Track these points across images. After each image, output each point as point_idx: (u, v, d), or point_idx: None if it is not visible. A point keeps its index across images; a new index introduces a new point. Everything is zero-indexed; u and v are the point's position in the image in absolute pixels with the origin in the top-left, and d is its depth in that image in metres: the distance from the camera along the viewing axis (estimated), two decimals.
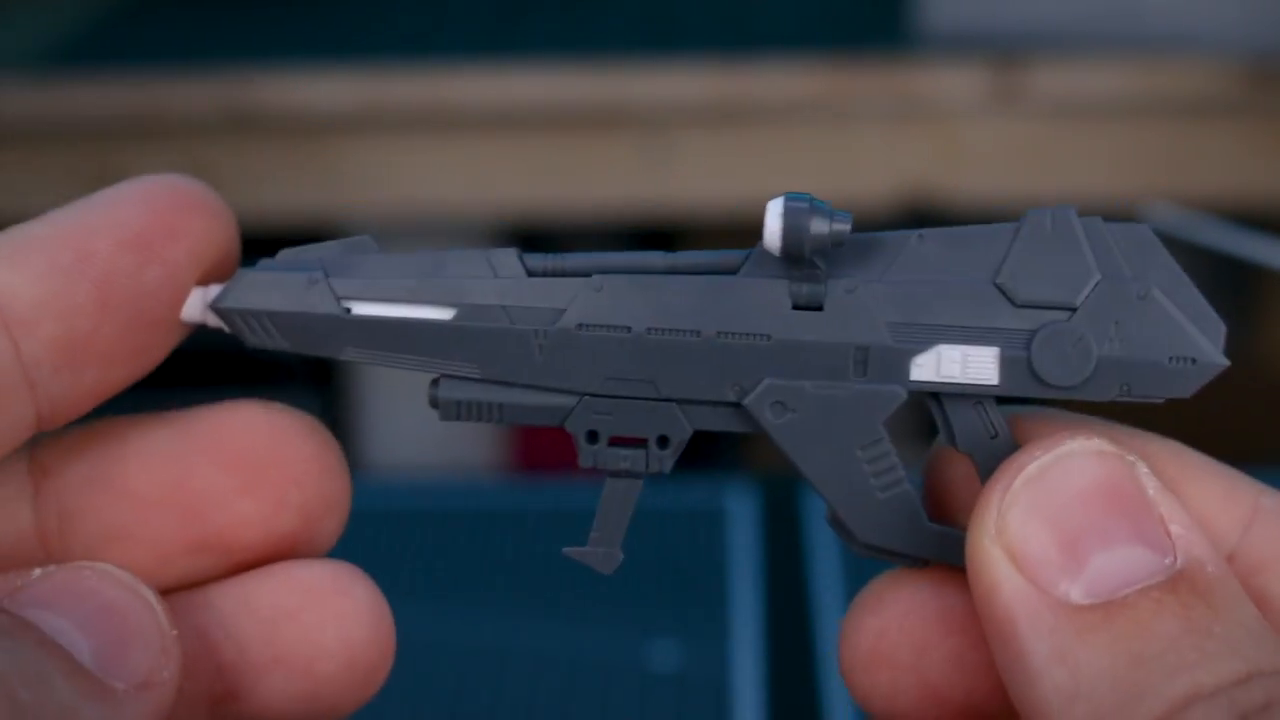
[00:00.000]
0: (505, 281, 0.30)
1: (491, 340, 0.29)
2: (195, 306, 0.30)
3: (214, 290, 0.30)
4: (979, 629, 0.29)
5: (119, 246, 0.28)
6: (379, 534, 0.70)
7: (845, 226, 0.29)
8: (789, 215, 0.29)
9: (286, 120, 1.11)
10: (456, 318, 0.29)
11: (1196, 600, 0.26)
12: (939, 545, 0.30)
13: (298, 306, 0.29)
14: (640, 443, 0.30)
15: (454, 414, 0.30)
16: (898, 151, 1.16)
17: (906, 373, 0.29)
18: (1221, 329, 0.30)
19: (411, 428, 1.30)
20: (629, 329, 0.30)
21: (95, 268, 0.28)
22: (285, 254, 0.30)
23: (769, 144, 1.16)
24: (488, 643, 0.66)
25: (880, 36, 1.20)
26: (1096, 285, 0.29)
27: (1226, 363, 0.30)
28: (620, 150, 1.16)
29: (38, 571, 0.28)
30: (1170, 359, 0.29)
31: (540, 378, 0.30)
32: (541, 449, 1.39)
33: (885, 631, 0.31)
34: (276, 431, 0.30)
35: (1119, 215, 0.30)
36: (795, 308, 0.30)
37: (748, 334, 0.30)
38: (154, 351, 0.29)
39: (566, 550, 0.31)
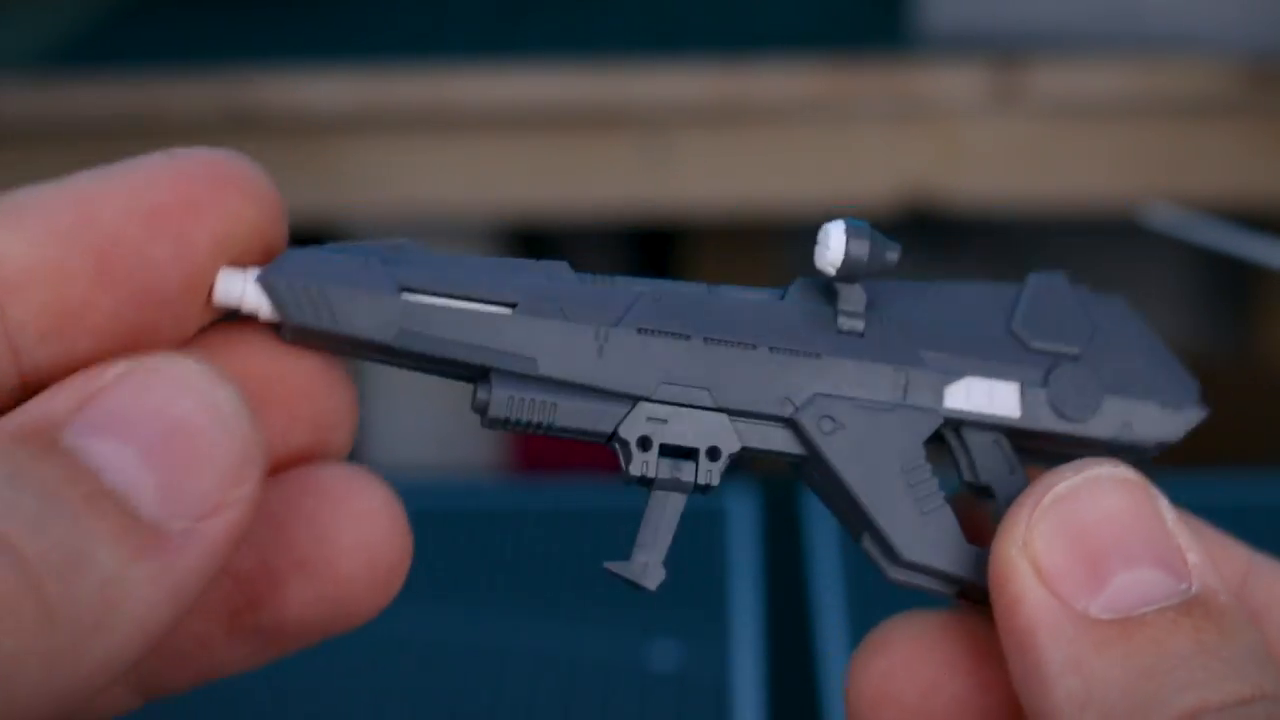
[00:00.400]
0: (562, 285, 0.29)
1: (552, 335, 0.29)
2: (232, 289, 0.28)
3: (253, 271, 0.28)
4: (984, 674, 0.31)
5: (127, 216, 0.27)
6: None
7: (897, 255, 0.30)
8: (853, 238, 0.30)
9: (286, 120, 1.11)
10: (517, 312, 0.29)
11: (1209, 624, 0.28)
12: (977, 565, 0.31)
13: (355, 285, 0.28)
14: (690, 454, 0.30)
15: (504, 411, 0.29)
16: (898, 151, 1.16)
17: (941, 399, 0.31)
18: (1195, 385, 0.33)
19: (412, 428, 1.30)
20: (688, 336, 0.30)
21: (96, 235, 0.26)
22: (301, 250, 0.29)
23: (769, 144, 1.16)
24: (488, 643, 0.66)
25: (880, 36, 1.20)
26: (1094, 337, 0.32)
27: (1206, 412, 0.33)
28: (620, 150, 1.16)
29: (113, 371, 0.26)
30: (1162, 404, 0.32)
31: (598, 378, 0.29)
32: (542, 449, 1.39)
33: (892, 673, 0.32)
34: (282, 350, 0.29)
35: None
36: (839, 332, 0.30)
37: (799, 351, 0.30)
38: (165, 332, 0.27)
39: (608, 565, 0.30)
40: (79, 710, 0.24)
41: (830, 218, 0.31)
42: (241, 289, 0.28)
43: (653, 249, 1.49)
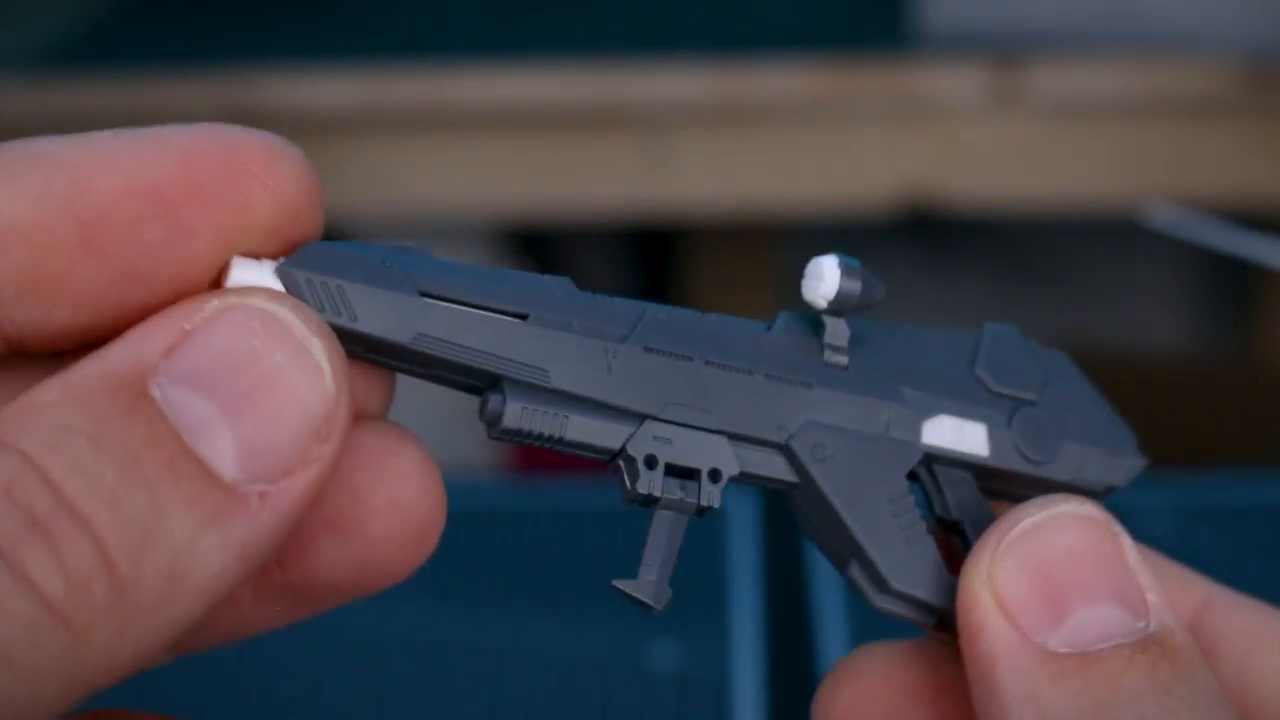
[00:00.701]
0: (569, 299, 0.29)
1: (564, 347, 0.29)
2: (244, 280, 0.27)
3: (269, 264, 0.27)
4: (950, 704, 0.32)
5: (125, 191, 0.26)
6: None
7: (883, 293, 0.31)
8: (846, 275, 0.30)
9: (287, 120, 1.11)
10: (529, 324, 0.29)
11: (1163, 662, 0.29)
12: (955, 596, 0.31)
13: (376, 284, 0.28)
14: (692, 474, 0.30)
15: (517, 422, 0.29)
16: (898, 151, 1.16)
17: (920, 434, 0.32)
18: (1133, 436, 0.35)
19: (412, 428, 1.30)
20: (690, 358, 0.30)
21: (87, 205, 0.25)
22: (322, 245, 0.28)
23: (769, 144, 1.16)
24: (488, 643, 0.66)
25: (880, 36, 1.20)
26: (1046, 385, 0.33)
27: (1145, 461, 0.35)
28: (620, 150, 1.16)
29: (209, 308, 0.26)
30: (1109, 451, 0.34)
31: (609, 393, 0.29)
32: (542, 449, 1.39)
33: (859, 700, 0.33)
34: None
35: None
36: (826, 364, 0.31)
37: (792, 380, 0.30)
38: (158, 309, 0.26)
39: (616, 582, 0.30)
40: (129, 673, 0.24)
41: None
42: (256, 281, 0.27)
43: (653, 249, 1.49)
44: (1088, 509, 0.30)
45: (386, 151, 1.15)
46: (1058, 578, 0.29)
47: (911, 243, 1.50)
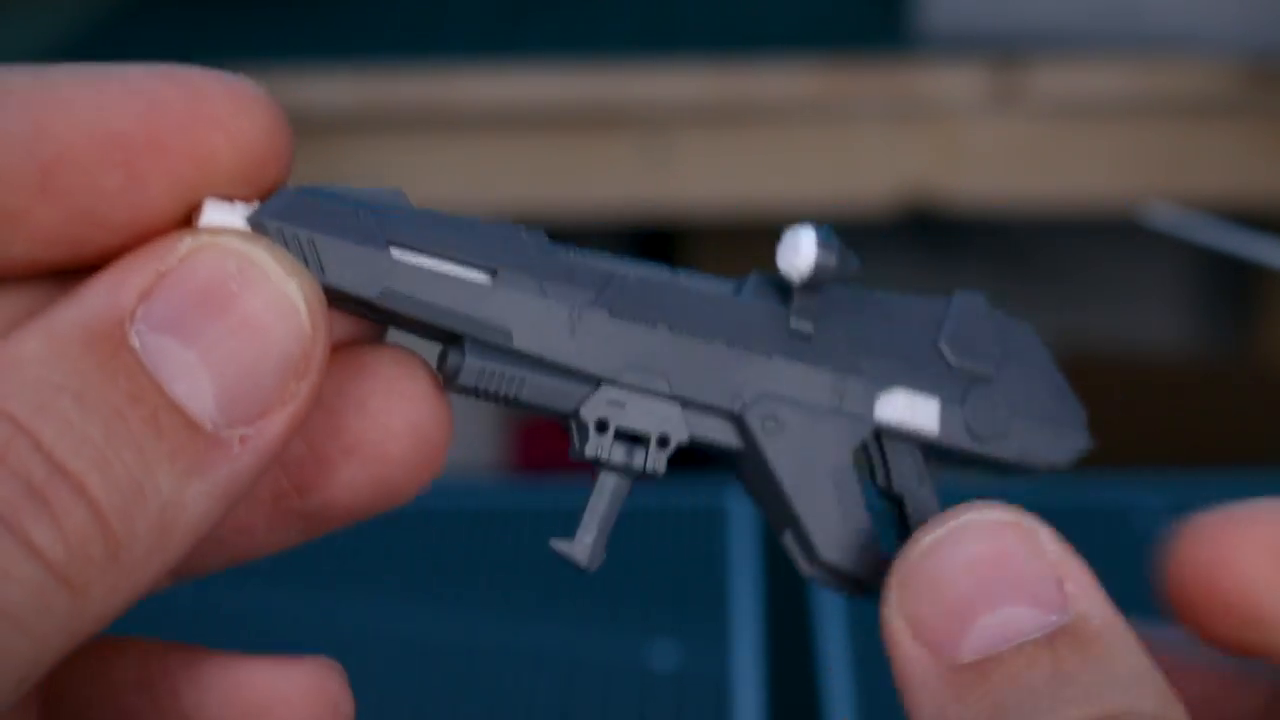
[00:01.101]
0: (541, 256, 0.29)
1: (529, 309, 0.29)
2: (217, 223, 0.27)
3: (241, 207, 0.27)
4: None
5: (85, 136, 0.25)
6: (379, 533, 0.70)
7: (857, 267, 0.31)
8: (823, 247, 0.30)
9: (287, 120, 1.11)
10: (496, 283, 0.29)
11: (1072, 652, 0.28)
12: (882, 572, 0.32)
13: (345, 236, 0.27)
14: (641, 440, 0.30)
15: (473, 381, 0.29)
16: (898, 151, 1.16)
17: (873, 408, 0.32)
18: (1084, 413, 0.34)
19: None
20: (654, 324, 0.30)
21: (45, 148, 0.25)
22: (293, 192, 0.28)
23: (769, 144, 1.16)
24: (488, 643, 0.66)
25: (880, 36, 1.20)
26: (1004, 360, 0.33)
27: (1092, 442, 0.34)
28: (620, 150, 1.16)
29: (182, 248, 0.26)
30: (1056, 431, 0.33)
31: (569, 357, 0.29)
32: (541, 449, 1.39)
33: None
34: None
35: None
36: (790, 333, 0.31)
37: (752, 349, 0.31)
38: (116, 252, 0.26)
39: (552, 542, 0.30)
40: (121, 616, 0.25)
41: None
42: (228, 224, 0.27)
43: (653, 249, 1.49)
44: (992, 514, 0.30)
45: (387, 151, 1.15)
46: (959, 590, 0.29)
47: (911, 243, 1.50)
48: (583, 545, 0.31)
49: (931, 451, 0.33)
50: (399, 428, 0.29)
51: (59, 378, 0.25)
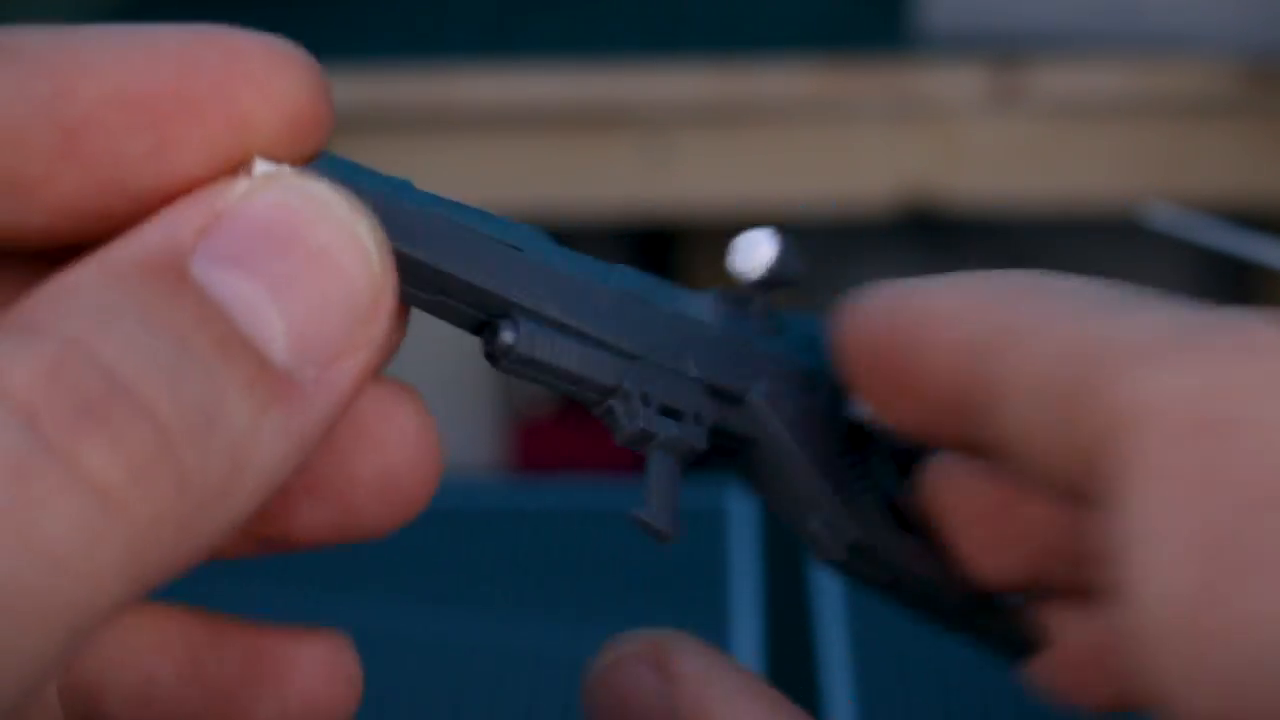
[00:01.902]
0: (549, 243, 0.29)
1: (560, 281, 0.28)
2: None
3: (288, 170, 0.25)
4: None
5: (109, 99, 0.23)
6: None
7: (803, 269, 0.31)
8: (785, 247, 0.30)
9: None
10: (526, 254, 0.28)
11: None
12: (907, 552, 0.32)
13: (389, 203, 0.26)
14: (678, 415, 0.30)
15: (528, 349, 0.28)
16: (898, 151, 1.16)
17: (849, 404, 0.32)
18: None
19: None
20: (664, 308, 0.30)
21: (69, 111, 0.23)
22: (334, 162, 0.27)
23: (769, 144, 1.16)
24: (488, 643, 0.66)
25: (880, 36, 1.20)
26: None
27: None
28: (620, 150, 1.16)
29: (239, 188, 0.24)
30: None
31: (602, 330, 0.29)
32: (541, 449, 1.39)
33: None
34: None
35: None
36: (762, 331, 0.31)
37: (738, 339, 0.31)
38: (140, 220, 0.24)
39: (634, 512, 0.29)
40: (181, 573, 0.22)
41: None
42: None
43: (653, 249, 1.49)
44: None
45: (387, 151, 1.15)
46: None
47: (911, 243, 1.50)
48: (663, 513, 0.30)
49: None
50: (367, 475, 0.27)
51: (119, 300, 0.22)
